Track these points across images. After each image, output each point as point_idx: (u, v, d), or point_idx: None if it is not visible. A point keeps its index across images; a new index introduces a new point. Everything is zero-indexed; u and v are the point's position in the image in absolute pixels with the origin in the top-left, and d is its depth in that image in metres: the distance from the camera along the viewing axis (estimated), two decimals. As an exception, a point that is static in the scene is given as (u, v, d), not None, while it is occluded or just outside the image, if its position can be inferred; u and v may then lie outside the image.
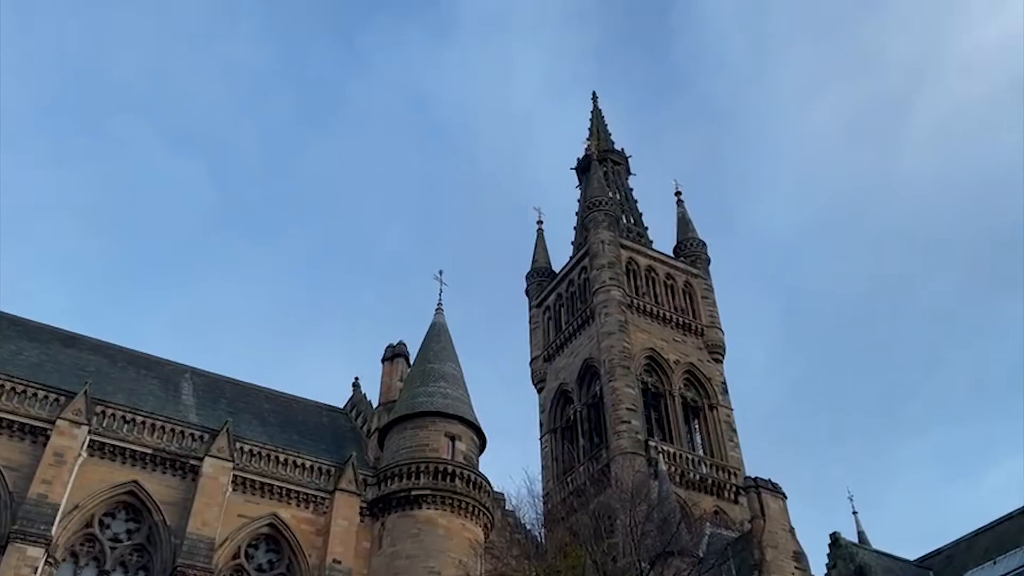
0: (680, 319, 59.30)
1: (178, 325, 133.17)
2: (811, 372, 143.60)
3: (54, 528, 25.87)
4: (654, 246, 65.15)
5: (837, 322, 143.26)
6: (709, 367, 57.88)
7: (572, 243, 68.04)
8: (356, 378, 42.42)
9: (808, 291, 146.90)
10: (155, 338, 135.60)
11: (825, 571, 28.06)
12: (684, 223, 67.78)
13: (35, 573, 24.86)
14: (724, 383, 57.63)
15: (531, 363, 63.50)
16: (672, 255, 64.69)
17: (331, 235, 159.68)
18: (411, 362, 38.16)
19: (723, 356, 59.28)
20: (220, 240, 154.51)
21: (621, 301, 56.77)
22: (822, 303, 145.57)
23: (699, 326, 59.72)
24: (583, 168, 71.29)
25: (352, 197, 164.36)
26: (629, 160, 74.17)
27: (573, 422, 57.25)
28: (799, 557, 39.94)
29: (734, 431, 55.28)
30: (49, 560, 25.70)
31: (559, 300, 63.94)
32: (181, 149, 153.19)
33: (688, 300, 61.42)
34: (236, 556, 29.10)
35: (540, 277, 67.37)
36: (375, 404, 38.43)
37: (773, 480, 42.20)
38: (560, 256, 68.50)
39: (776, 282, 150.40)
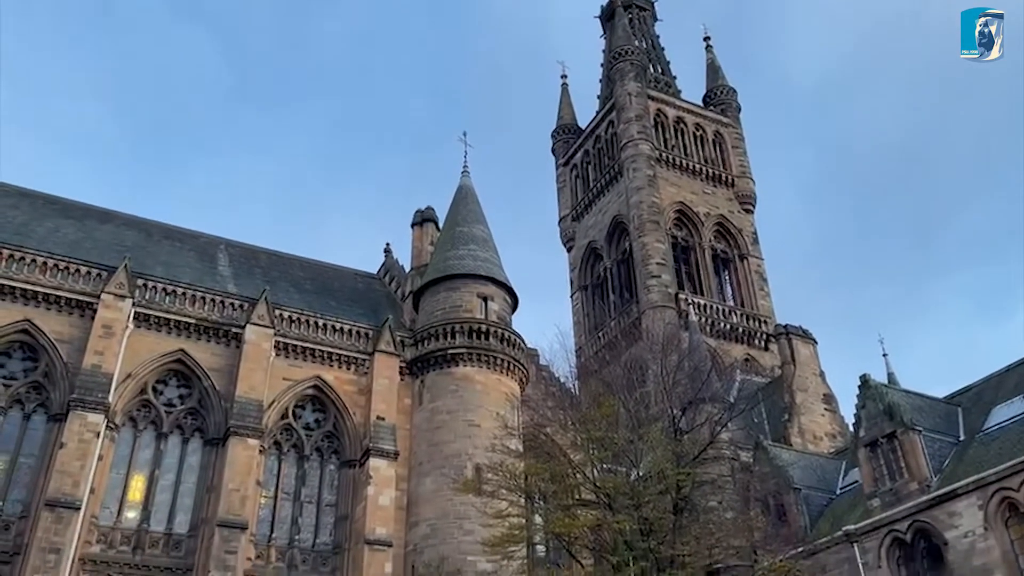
0: (710, 170, 58.42)
1: (207, 199, 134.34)
2: (842, 217, 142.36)
3: (110, 396, 27.12)
4: (683, 95, 63.33)
5: (868, 165, 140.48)
6: (739, 218, 57.47)
7: (598, 97, 66.33)
8: (387, 244, 42.86)
9: (839, 135, 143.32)
10: (184, 212, 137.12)
11: (855, 412, 28.68)
12: (713, 70, 65.49)
13: (98, 438, 26.31)
14: (755, 233, 57.39)
15: (560, 222, 63.44)
16: (701, 104, 62.95)
17: (351, 104, 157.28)
18: (440, 226, 38.31)
19: (754, 206, 58.74)
20: (240, 113, 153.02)
21: (649, 155, 55.86)
22: (853, 147, 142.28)
23: (729, 177, 58.86)
24: (607, 16, 68.45)
25: (370, 63, 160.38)
26: (655, 5, 70.98)
27: (603, 279, 57.75)
28: (828, 399, 41.10)
29: (764, 280, 55.54)
30: (110, 425, 27.13)
31: (586, 157, 63.04)
32: (191, 21, 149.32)
33: (718, 150, 60.27)
34: (284, 416, 30.48)
35: (566, 134, 66.18)
36: (407, 269, 38.96)
37: (803, 327, 42.84)
38: (586, 111, 67.02)
39: (807, 127, 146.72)
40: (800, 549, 25.71)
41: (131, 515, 27.12)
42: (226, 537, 26.32)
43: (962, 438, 26.95)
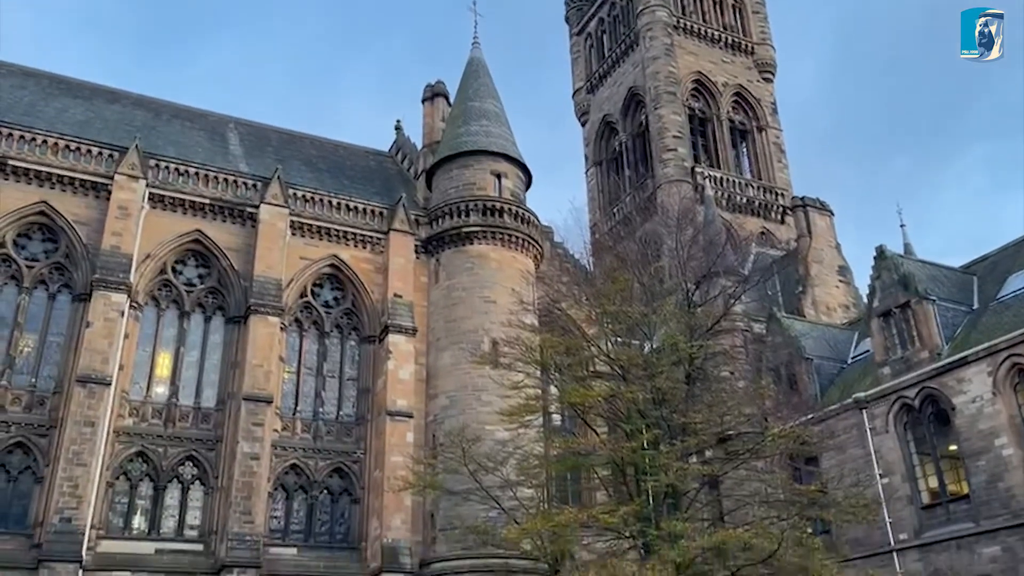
0: (729, 38, 56.40)
1: (213, 78, 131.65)
2: (864, 86, 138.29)
3: (131, 276, 27.52)
4: (701, -43, 60.37)
5: (892, 33, 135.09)
6: (758, 87, 55.90)
7: (613, -40, 63.33)
8: (398, 121, 42.17)
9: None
10: (192, 91, 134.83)
11: (869, 282, 28.72)
12: (734, -73, 62.06)
13: (122, 316, 26.90)
14: (774, 103, 55.97)
15: (573, 96, 61.93)
16: (721, -35, 60.06)
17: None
18: (452, 101, 37.51)
19: (774, 75, 57.02)
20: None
21: (667, 22, 53.87)
22: (876, 13, 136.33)
23: (749, 44, 56.88)
24: None
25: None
26: None
27: (618, 153, 56.88)
28: (843, 271, 41.13)
29: (782, 152, 54.58)
30: (133, 304, 27.69)
31: (601, 25, 60.87)
32: None
33: (738, 16, 58.00)
34: (303, 295, 30.95)
35: (580, 1, 63.69)
36: (419, 146, 38.45)
37: (821, 199, 42.38)
38: (601, -24, 64.01)
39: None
40: (810, 416, 26.34)
41: (160, 390, 28.06)
42: (252, 410, 27.28)
43: (976, 307, 27.05)
